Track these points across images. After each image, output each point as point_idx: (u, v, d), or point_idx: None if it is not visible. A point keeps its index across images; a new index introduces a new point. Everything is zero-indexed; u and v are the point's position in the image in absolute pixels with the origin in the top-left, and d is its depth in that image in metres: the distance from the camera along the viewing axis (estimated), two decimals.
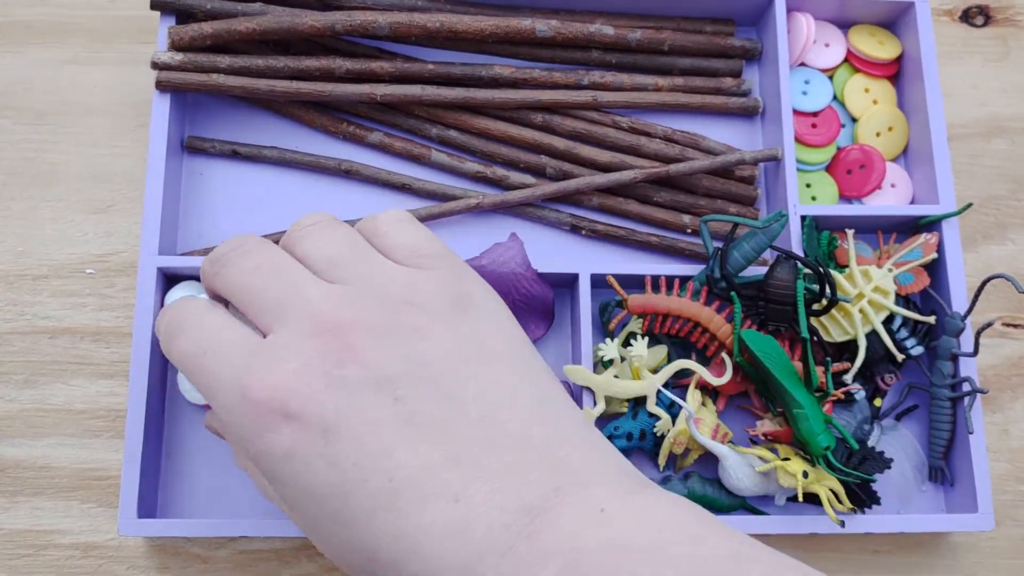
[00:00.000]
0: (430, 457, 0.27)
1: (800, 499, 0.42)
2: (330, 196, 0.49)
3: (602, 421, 0.46)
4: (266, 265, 0.32)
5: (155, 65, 0.46)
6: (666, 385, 0.45)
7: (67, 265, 0.48)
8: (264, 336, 0.30)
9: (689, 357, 0.46)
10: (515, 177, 0.49)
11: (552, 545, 0.26)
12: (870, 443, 0.45)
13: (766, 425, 0.45)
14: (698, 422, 0.44)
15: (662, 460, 0.45)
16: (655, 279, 0.46)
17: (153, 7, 0.46)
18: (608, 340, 0.45)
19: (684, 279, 0.46)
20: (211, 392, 0.30)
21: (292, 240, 0.33)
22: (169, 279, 0.46)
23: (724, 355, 0.45)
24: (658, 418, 0.44)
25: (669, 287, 0.46)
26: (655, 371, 0.45)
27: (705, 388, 0.46)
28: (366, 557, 0.28)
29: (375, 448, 0.27)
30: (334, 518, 0.28)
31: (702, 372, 0.44)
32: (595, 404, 0.44)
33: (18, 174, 0.48)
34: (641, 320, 0.45)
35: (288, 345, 0.29)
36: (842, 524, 0.42)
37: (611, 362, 0.45)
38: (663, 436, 0.45)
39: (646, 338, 0.44)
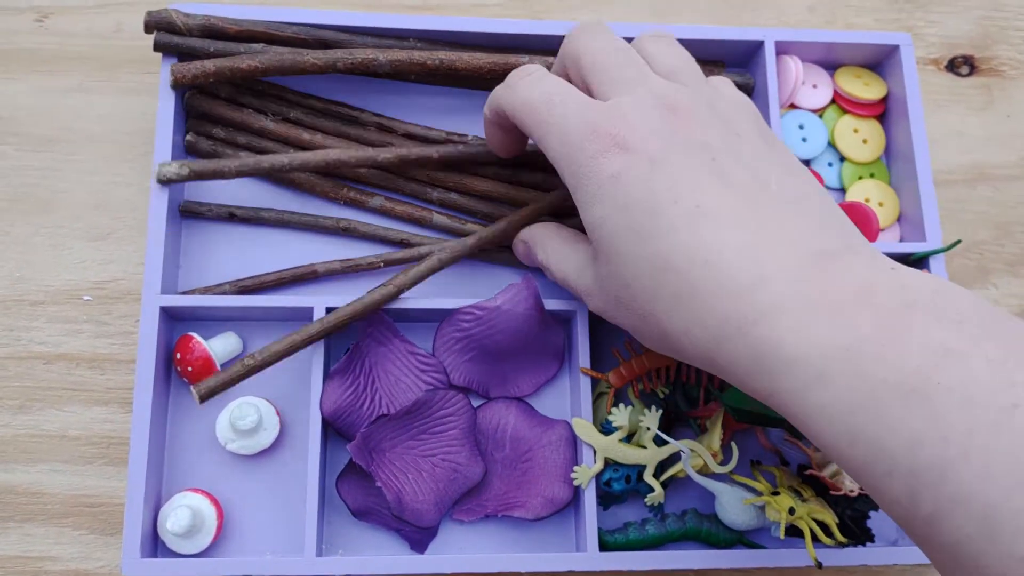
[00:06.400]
0: (733, 201, 0.34)
1: (782, 535, 0.43)
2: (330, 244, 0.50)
3: None
4: (623, 49, 0.39)
5: (161, 180, 0.45)
6: (669, 424, 0.46)
7: (64, 291, 0.48)
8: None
9: (692, 400, 0.47)
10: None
11: (847, 278, 0.31)
12: None
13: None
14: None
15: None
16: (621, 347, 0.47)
17: (156, 49, 0.47)
18: (621, 406, 0.45)
19: None
20: (551, 126, 0.37)
21: (638, 43, 0.41)
22: (172, 317, 0.46)
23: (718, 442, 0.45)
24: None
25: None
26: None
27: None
28: (658, 266, 0.34)
29: (689, 182, 0.34)
30: (639, 231, 0.34)
31: (706, 457, 0.44)
32: (594, 462, 0.45)
33: (19, 200, 0.49)
34: (631, 387, 0.46)
35: (632, 103, 0.36)
36: (819, 565, 0.43)
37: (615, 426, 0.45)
38: None
39: (660, 411, 0.45)
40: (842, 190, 0.52)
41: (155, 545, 0.43)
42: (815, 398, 0.29)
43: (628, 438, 0.46)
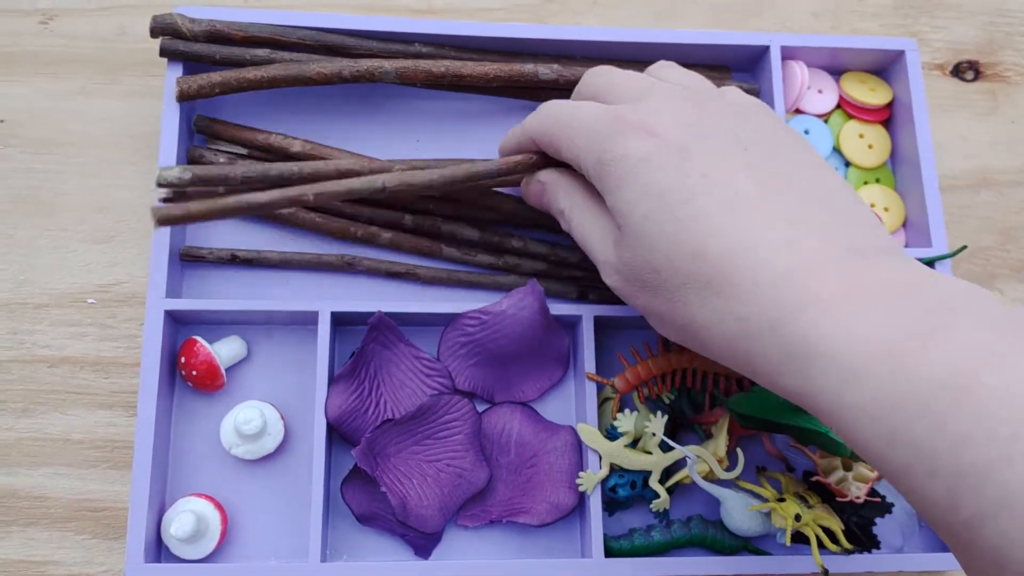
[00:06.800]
0: (765, 193, 0.34)
1: (788, 542, 0.43)
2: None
3: None
4: (630, 73, 0.40)
5: (161, 184, 0.44)
6: (674, 430, 0.46)
7: (68, 294, 0.48)
8: None
9: (698, 406, 0.47)
10: (526, 265, 0.49)
11: (884, 276, 0.31)
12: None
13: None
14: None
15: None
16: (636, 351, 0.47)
17: (162, 55, 0.47)
18: (626, 411, 0.45)
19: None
20: (575, 128, 0.38)
21: (649, 72, 0.42)
22: (176, 321, 0.46)
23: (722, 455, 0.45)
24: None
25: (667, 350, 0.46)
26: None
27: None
28: (691, 254, 0.33)
29: (722, 170, 0.34)
30: (671, 218, 0.34)
31: (711, 463, 0.44)
32: (600, 468, 0.45)
33: (22, 203, 0.49)
34: (636, 393, 0.46)
35: (658, 99, 0.37)
36: (825, 572, 0.43)
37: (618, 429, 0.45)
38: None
39: (666, 416, 0.45)
40: None
41: (159, 550, 0.43)
42: (852, 396, 0.29)
43: (633, 444, 0.46)
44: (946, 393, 0.27)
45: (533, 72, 0.48)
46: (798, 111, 0.53)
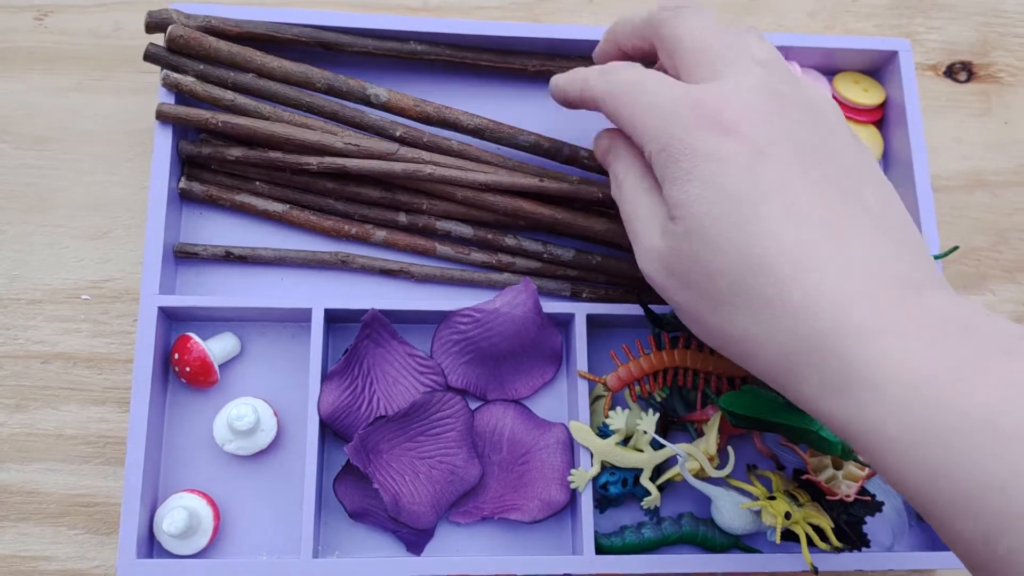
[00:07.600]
0: (827, 210, 0.32)
1: (778, 540, 0.43)
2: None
3: None
4: (723, 30, 0.37)
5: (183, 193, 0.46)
6: (665, 428, 0.46)
7: (62, 290, 0.48)
8: None
9: (689, 404, 0.47)
10: (520, 263, 0.49)
11: (941, 311, 0.30)
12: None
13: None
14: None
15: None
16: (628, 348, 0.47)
17: (146, 59, 0.47)
18: (618, 409, 0.45)
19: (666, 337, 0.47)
20: (641, 105, 0.36)
21: (735, 33, 0.38)
22: (170, 317, 0.46)
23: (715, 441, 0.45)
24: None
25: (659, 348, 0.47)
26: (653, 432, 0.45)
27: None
28: (752, 265, 0.32)
29: (793, 179, 0.33)
30: (737, 222, 0.32)
31: (702, 461, 0.44)
32: (591, 465, 0.45)
33: (15, 199, 0.49)
34: (628, 391, 0.46)
35: (737, 86, 0.35)
36: (815, 570, 0.43)
37: (609, 427, 0.45)
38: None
39: (657, 414, 0.45)
40: None
41: (151, 546, 0.43)
42: (895, 427, 0.28)
43: (625, 441, 0.46)
44: (994, 435, 0.26)
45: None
46: None
